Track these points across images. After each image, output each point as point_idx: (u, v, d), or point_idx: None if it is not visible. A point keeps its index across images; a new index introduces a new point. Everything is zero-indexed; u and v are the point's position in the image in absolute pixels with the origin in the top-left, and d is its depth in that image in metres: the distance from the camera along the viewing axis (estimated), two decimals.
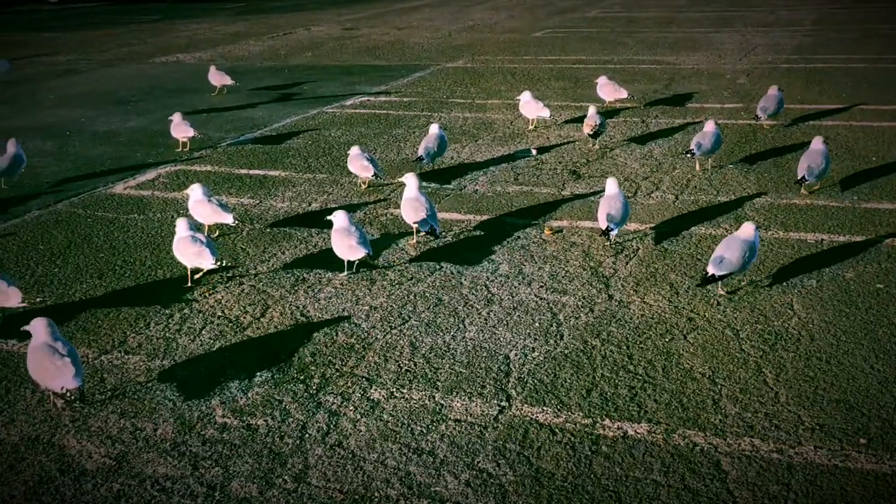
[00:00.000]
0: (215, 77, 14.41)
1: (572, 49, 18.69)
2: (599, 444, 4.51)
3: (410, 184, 7.30)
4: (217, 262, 6.45)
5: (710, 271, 6.03)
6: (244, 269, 6.96)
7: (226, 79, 14.34)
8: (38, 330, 5.06)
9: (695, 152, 8.93)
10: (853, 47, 17.32)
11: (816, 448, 4.41)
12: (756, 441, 4.48)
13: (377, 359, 5.49)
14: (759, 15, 23.68)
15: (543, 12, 27.00)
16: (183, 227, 6.65)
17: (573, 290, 6.38)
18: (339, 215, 6.77)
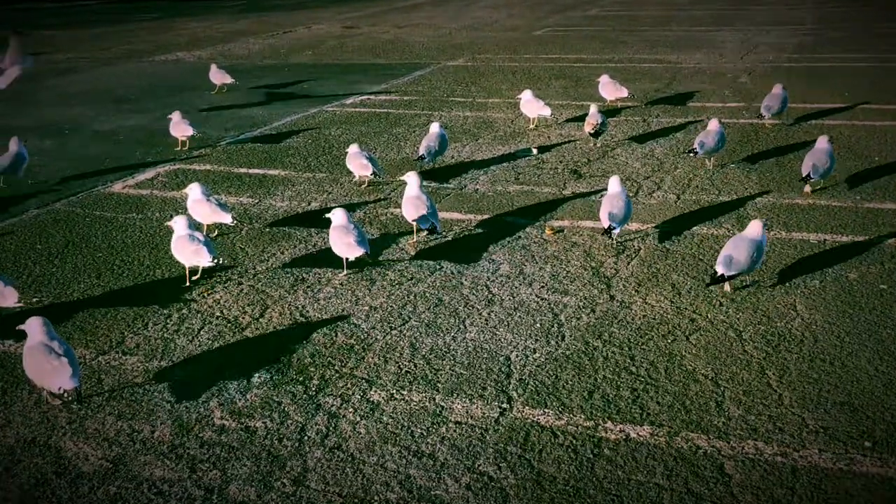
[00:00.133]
0: (216, 76, 14.38)
1: (573, 47, 18.64)
2: (602, 447, 4.47)
3: (412, 182, 7.26)
4: (214, 261, 6.42)
5: (720, 271, 5.98)
6: (243, 269, 6.91)
7: (226, 77, 14.32)
8: (34, 329, 5.02)
9: (697, 151, 8.89)
10: (855, 46, 17.27)
11: (821, 451, 4.36)
12: (760, 444, 4.43)
13: (377, 360, 5.44)
14: (761, 13, 23.63)
15: (544, 10, 26.96)
16: (181, 226, 6.61)
17: (574, 291, 6.33)
18: (338, 213, 6.73)
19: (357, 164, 8.70)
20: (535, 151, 10.08)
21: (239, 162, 10.15)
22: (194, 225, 6.78)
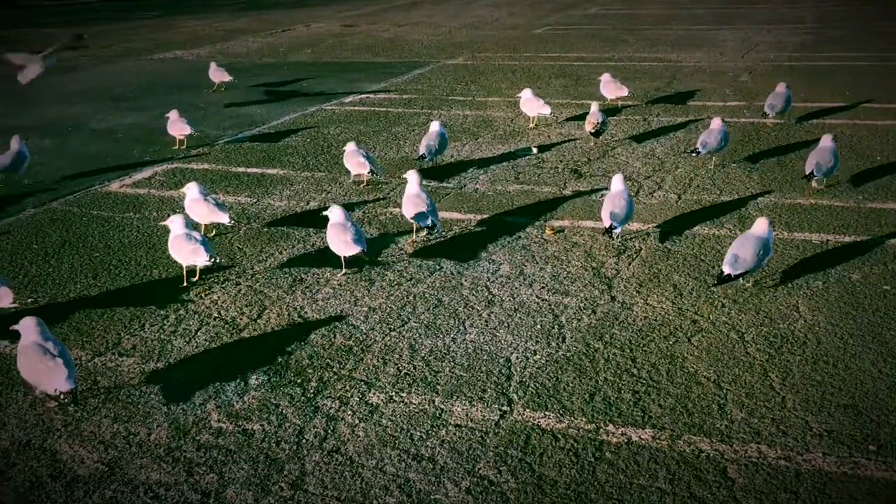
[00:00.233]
0: (215, 74, 14.35)
1: (573, 46, 18.59)
2: (603, 451, 4.42)
3: (412, 180, 7.22)
4: (212, 260, 6.37)
5: (726, 271, 5.93)
6: (241, 269, 6.86)
7: (225, 76, 14.30)
8: (28, 329, 4.97)
9: (700, 151, 8.83)
10: (855, 45, 17.22)
11: (825, 455, 4.31)
12: (763, 447, 4.38)
13: (376, 361, 5.39)
14: (761, 12, 23.57)
15: (544, 9, 26.91)
16: (178, 225, 6.56)
17: (575, 292, 6.28)
18: (336, 210, 6.69)
19: (354, 163, 8.65)
20: (535, 150, 10.03)
21: (237, 161, 10.09)
22: (192, 224, 6.73)
